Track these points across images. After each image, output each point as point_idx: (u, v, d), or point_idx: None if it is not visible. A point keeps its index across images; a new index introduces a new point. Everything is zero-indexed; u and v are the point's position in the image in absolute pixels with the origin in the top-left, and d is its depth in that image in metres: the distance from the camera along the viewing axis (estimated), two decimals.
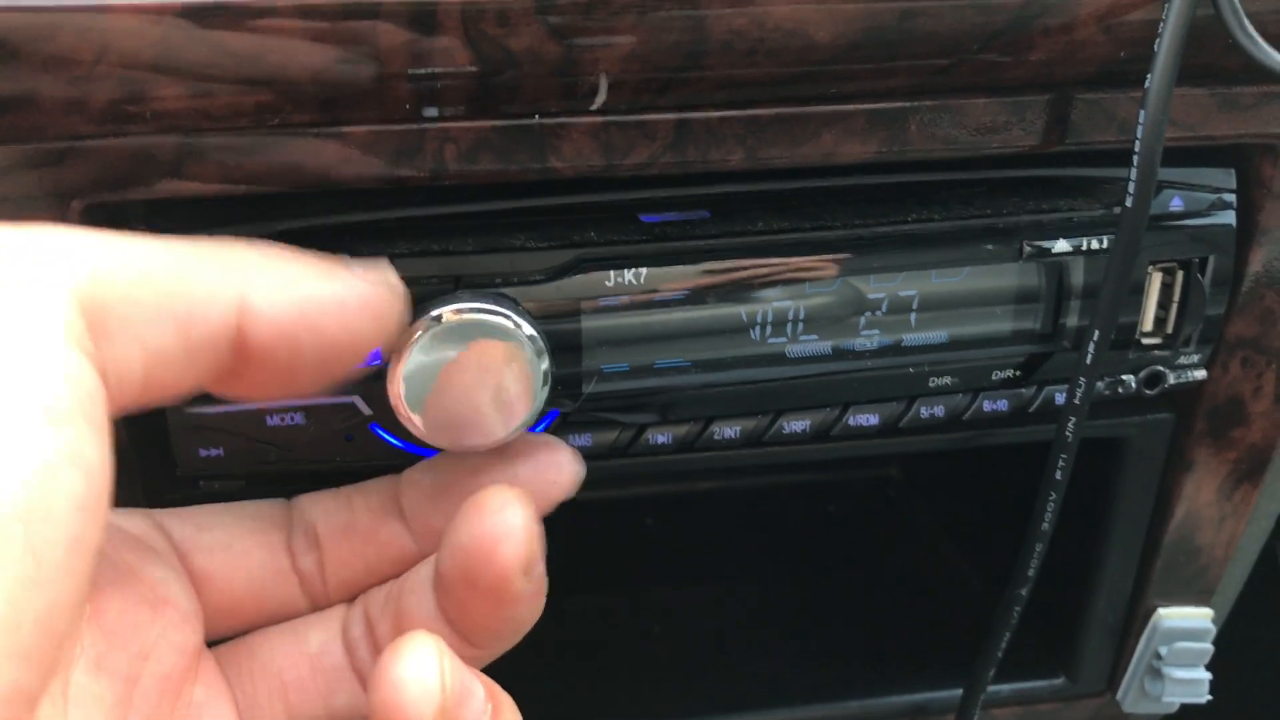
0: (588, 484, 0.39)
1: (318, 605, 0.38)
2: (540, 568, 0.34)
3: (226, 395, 0.31)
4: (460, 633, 0.35)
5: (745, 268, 0.42)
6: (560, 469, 0.38)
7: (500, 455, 0.38)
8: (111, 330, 0.26)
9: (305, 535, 0.38)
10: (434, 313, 0.37)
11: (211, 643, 0.37)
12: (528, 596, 0.34)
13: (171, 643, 0.34)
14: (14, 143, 0.35)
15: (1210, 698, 0.57)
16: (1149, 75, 0.39)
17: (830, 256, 0.43)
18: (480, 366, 0.37)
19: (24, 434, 0.23)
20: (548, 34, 0.36)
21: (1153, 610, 0.56)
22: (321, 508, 0.38)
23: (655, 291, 0.42)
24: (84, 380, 0.24)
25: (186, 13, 0.33)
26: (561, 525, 0.68)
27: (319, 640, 0.38)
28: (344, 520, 0.38)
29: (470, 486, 0.37)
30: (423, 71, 0.36)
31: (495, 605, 0.34)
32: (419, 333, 0.36)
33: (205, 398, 0.31)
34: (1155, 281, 0.46)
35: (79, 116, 0.35)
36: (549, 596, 0.35)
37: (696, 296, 0.42)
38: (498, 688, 0.33)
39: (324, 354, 0.30)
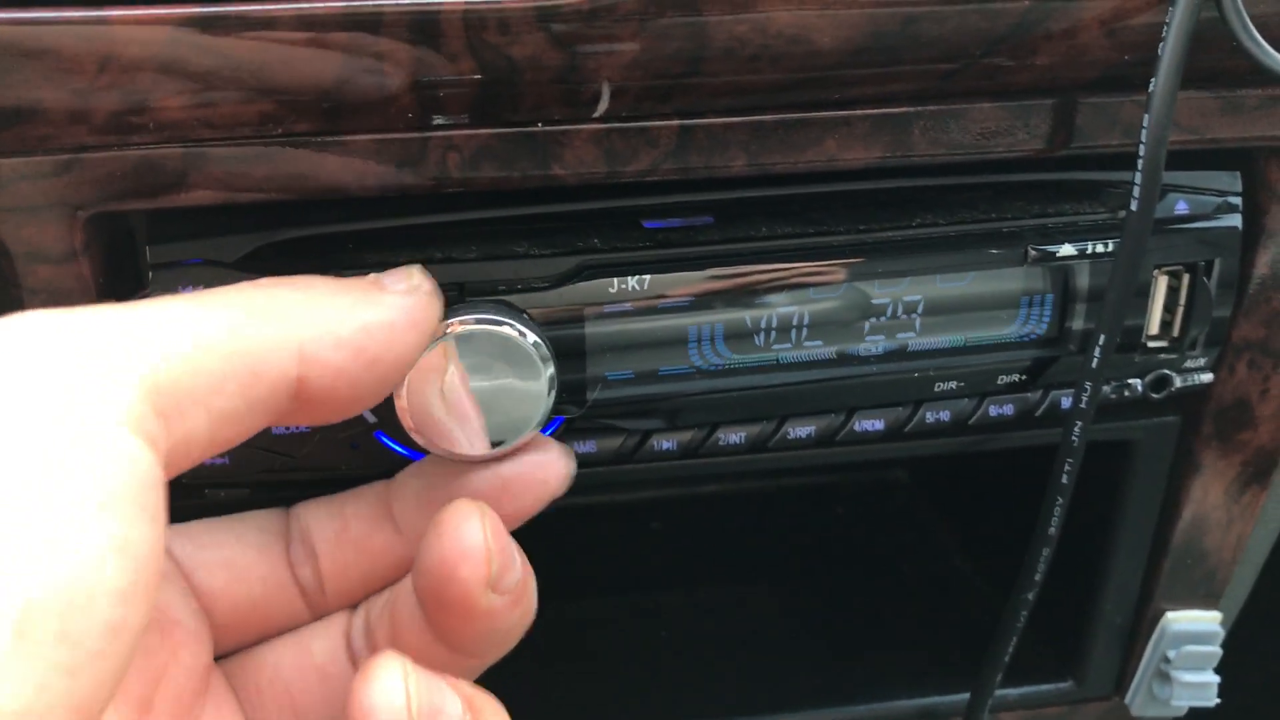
0: (594, 489, 0.39)
1: (319, 614, 0.39)
2: (511, 579, 0.34)
3: (285, 424, 0.31)
4: (447, 643, 0.36)
5: (749, 273, 0.42)
6: (547, 468, 0.38)
7: (491, 460, 0.38)
8: (181, 406, 0.27)
9: (303, 545, 0.38)
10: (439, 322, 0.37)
11: (218, 657, 0.37)
12: (501, 610, 0.34)
13: (182, 664, 0.34)
14: (20, 154, 0.35)
15: (1219, 701, 0.57)
16: (1153, 79, 0.39)
17: (835, 262, 0.43)
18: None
19: (73, 524, 0.23)
20: (550, 42, 0.36)
21: (1160, 613, 0.56)
22: (315, 517, 0.39)
23: (659, 298, 0.42)
24: (141, 467, 0.25)
25: (189, 23, 0.33)
26: (567, 530, 0.68)
27: (323, 649, 0.38)
28: (337, 529, 0.38)
29: (455, 489, 0.37)
30: (425, 80, 0.36)
31: (467, 621, 0.34)
32: None
33: None
34: (1161, 285, 0.46)
35: (83, 128, 0.35)
36: (557, 601, 0.35)
37: (700, 302, 0.42)
38: (481, 696, 0.33)
39: (380, 377, 0.32)
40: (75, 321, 0.27)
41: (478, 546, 0.33)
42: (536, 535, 0.39)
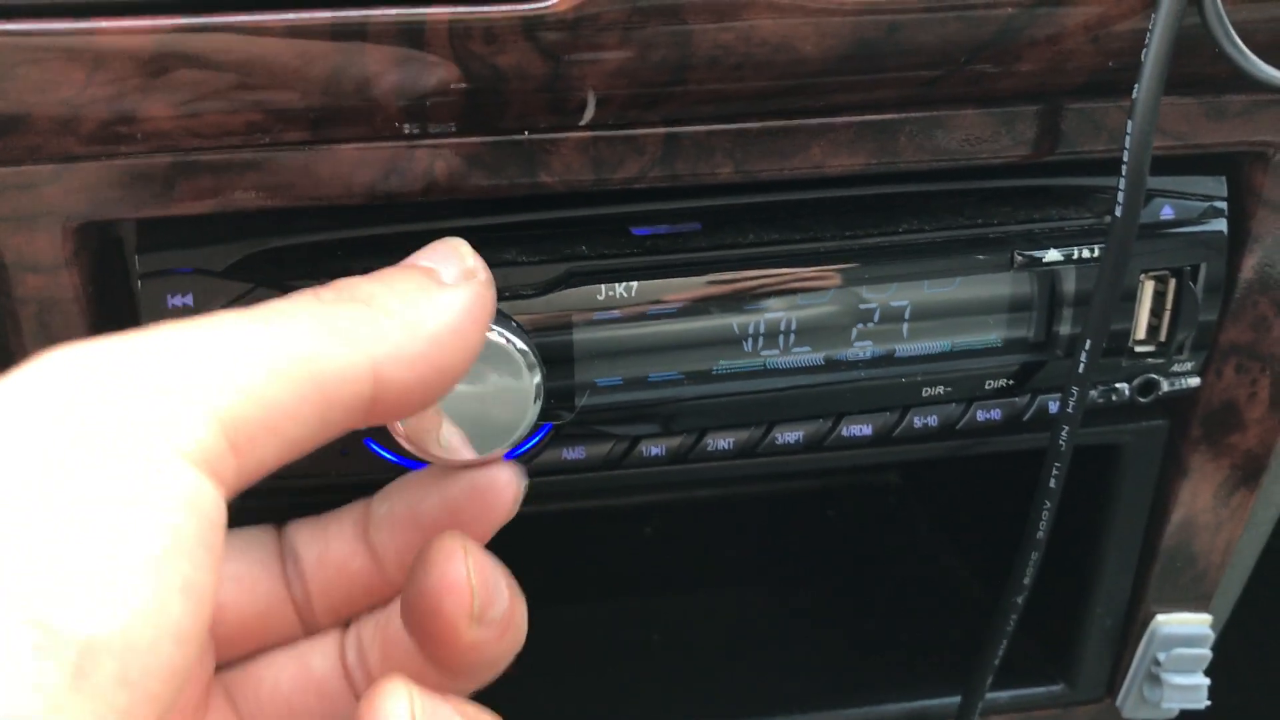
0: (584, 494, 0.39)
1: (311, 630, 0.39)
2: (496, 611, 0.35)
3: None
4: (437, 668, 0.36)
5: (737, 279, 0.42)
6: (497, 492, 0.38)
7: (439, 482, 0.38)
8: (255, 437, 0.26)
9: (294, 563, 0.38)
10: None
11: (216, 669, 0.37)
12: (487, 640, 0.35)
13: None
14: (9, 163, 0.36)
15: (1209, 703, 0.57)
16: (1137, 84, 0.39)
17: (822, 268, 0.43)
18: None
19: (142, 565, 0.23)
20: (535, 51, 0.36)
21: (1151, 616, 0.56)
22: (301, 537, 0.39)
23: (647, 304, 0.42)
24: (207, 508, 0.25)
25: (176, 33, 0.34)
26: (561, 536, 0.69)
27: (321, 664, 0.38)
28: (319, 550, 0.38)
29: (416, 516, 0.38)
30: (412, 89, 0.36)
31: (453, 652, 0.35)
32: None
33: None
34: (1148, 289, 0.46)
35: (71, 137, 0.35)
36: (550, 605, 0.35)
37: (688, 309, 0.42)
38: (484, 717, 0.33)
39: (451, 378, 0.31)
40: (143, 348, 0.26)
41: (460, 581, 0.34)
42: (531, 541, 0.39)
